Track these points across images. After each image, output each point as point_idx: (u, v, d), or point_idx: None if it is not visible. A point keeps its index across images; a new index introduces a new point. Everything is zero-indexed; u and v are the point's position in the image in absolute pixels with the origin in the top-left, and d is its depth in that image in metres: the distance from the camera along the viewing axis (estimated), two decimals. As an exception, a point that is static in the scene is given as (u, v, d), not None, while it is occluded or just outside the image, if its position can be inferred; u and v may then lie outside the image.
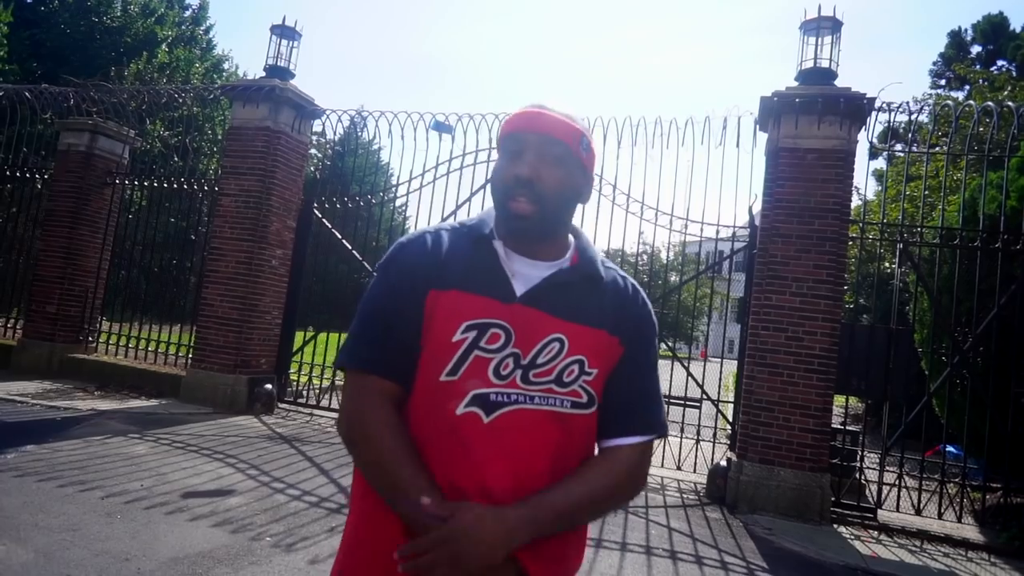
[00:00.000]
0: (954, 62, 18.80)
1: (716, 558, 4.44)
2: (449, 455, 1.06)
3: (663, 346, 8.13)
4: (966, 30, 21.26)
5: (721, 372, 8.04)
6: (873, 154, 7.42)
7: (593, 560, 4.07)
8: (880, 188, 14.75)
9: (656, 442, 1.26)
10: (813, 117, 6.03)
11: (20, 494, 3.90)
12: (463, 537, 0.98)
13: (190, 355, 8.08)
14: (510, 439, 1.06)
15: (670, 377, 6.96)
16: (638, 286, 1.24)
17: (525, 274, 1.13)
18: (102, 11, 21.37)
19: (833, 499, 5.86)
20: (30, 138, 9.96)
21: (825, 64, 6.30)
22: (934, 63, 21.79)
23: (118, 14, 21.79)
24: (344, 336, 1.22)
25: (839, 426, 6.45)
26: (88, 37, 21.00)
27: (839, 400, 7.46)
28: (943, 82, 20.67)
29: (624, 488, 1.16)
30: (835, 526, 5.64)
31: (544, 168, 1.12)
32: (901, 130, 8.78)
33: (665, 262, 15.27)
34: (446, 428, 1.06)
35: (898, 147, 8.72)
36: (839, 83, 6.24)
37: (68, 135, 9.04)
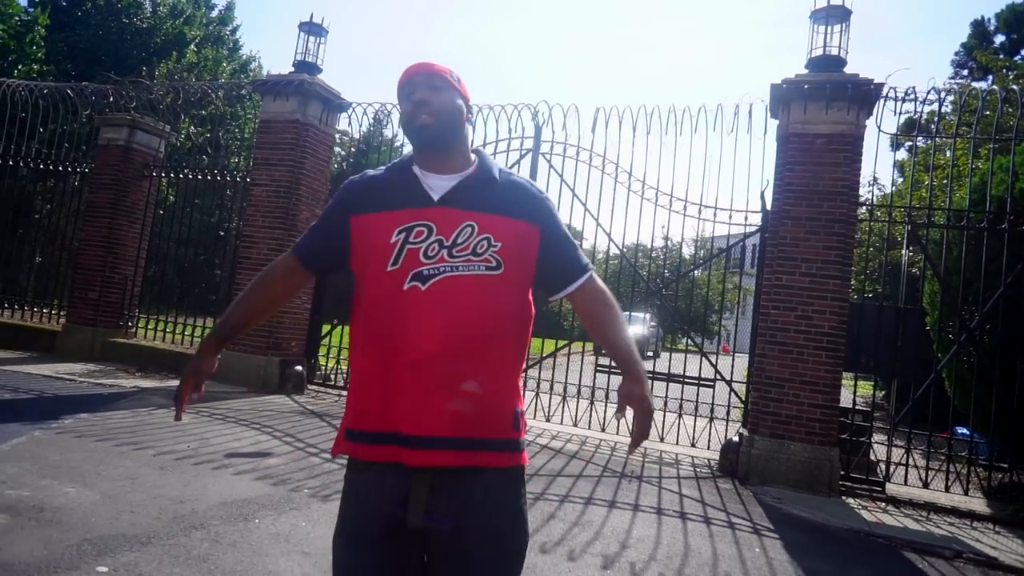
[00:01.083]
0: (976, 51, 18.69)
1: (724, 520, 4.69)
2: (401, 319, 1.46)
3: (688, 340, 8.35)
4: (989, 19, 21.12)
5: (733, 349, 8.24)
6: (895, 144, 7.59)
7: (606, 518, 4.34)
8: (899, 179, 14.80)
9: (671, 418, 1.63)
10: (821, 103, 6.23)
11: (81, 450, 4.28)
12: (646, 396, 1.49)
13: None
14: (442, 297, 1.46)
15: (684, 357, 7.20)
16: (535, 184, 1.67)
17: (439, 185, 1.54)
18: (132, 12, 21.99)
19: (843, 473, 6.06)
20: (68, 135, 10.45)
21: (834, 52, 6.49)
22: (956, 53, 21.69)
23: (148, 15, 22.40)
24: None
25: (849, 406, 6.64)
26: (119, 38, 21.63)
27: (848, 382, 7.63)
28: (965, 72, 20.56)
29: (607, 306, 1.63)
30: (844, 498, 5.84)
31: (433, 94, 1.56)
32: (923, 121, 8.91)
33: (683, 257, 15.49)
34: (398, 303, 1.47)
35: (917, 138, 8.83)
36: (848, 71, 6.43)
37: (108, 130, 9.49)
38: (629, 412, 1.52)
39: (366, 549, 1.46)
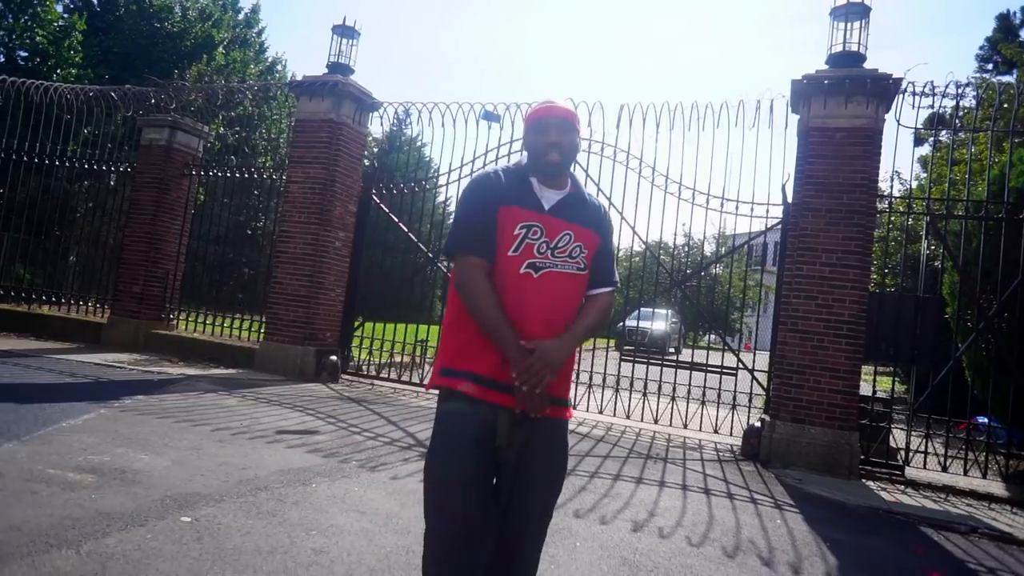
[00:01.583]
0: (1001, 44, 18.59)
1: (746, 496, 4.92)
2: (516, 298, 1.85)
3: (712, 337, 8.56)
4: (1015, 13, 20.95)
5: (756, 333, 8.40)
6: (917, 140, 7.74)
7: (634, 491, 4.59)
8: (922, 175, 14.82)
9: (695, 406, 1.99)
10: (841, 98, 6.41)
11: (145, 426, 4.62)
12: (551, 353, 1.82)
13: (262, 330, 8.84)
14: (548, 285, 1.88)
15: (707, 345, 7.40)
16: (604, 205, 2.13)
17: (549, 197, 1.95)
18: (163, 17, 22.56)
19: (862, 458, 6.25)
20: (106, 136, 10.89)
21: (854, 48, 6.67)
22: (980, 47, 21.52)
23: (178, 19, 22.97)
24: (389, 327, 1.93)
25: (869, 394, 6.81)
26: (150, 42, 22.21)
27: (868, 377, 7.77)
28: (990, 66, 20.43)
29: (605, 315, 2.02)
30: (863, 481, 6.02)
31: (563, 136, 1.96)
32: (947, 116, 9.02)
33: (704, 253, 15.58)
34: (513, 282, 1.86)
35: (939, 133, 8.94)
36: (867, 66, 6.60)
37: (150, 130, 9.90)
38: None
39: (459, 460, 1.83)
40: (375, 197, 9.20)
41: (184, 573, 2.44)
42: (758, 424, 6.68)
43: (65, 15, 19.89)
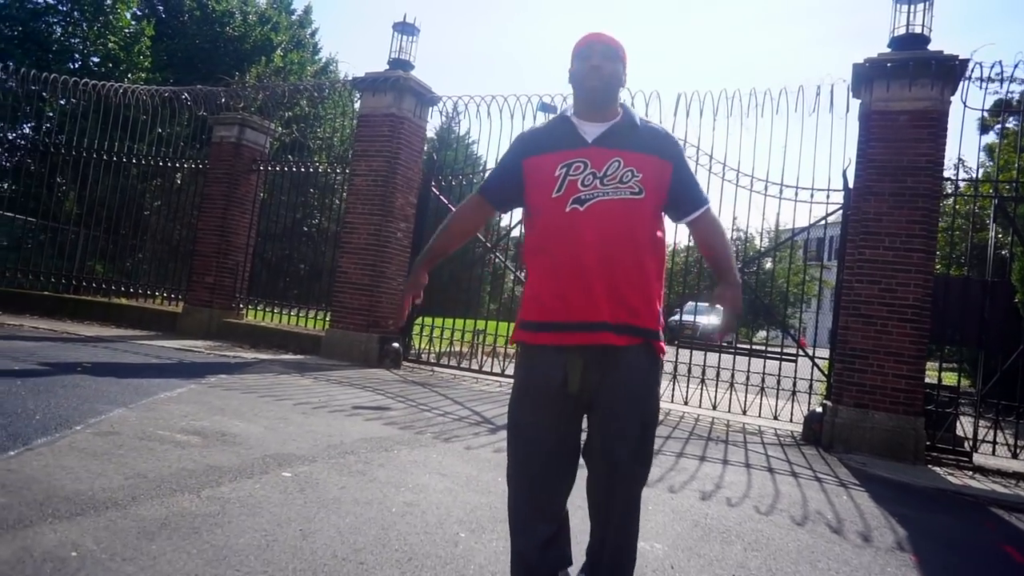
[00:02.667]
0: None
1: (810, 475, 4.96)
2: (566, 232, 1.89)
3: (760, 334, 8.56)
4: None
5: (817, 320, 8.36)
6: (984, 128, 7.60)
7: (698, 467, 4.69)
8: (988, 163, 14.39)
9: (753, 394, 2.12)
10: (905, 80, 6.36)
11: (233, 399, 4.93)
12: (737, 296, 1.97)
13: (327, 319, 9.19)
14: (598, 215, 1.88)
15: (767, 342, 7.40)
16: (668, 131, 2.08)
17: (592, 131, 1.96)
18: (225, 22, 23.40)
19: (928, 444, 6.19)
20: (175, 136, 11.43)
21: (917, 30, 6.60)
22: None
23: (238, 23, 23.78)
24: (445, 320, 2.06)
25: (935, 381, 6.73)
26: (213, 46, 23.07)
27: (932, 371, 7.66)
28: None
29: (719, 231, 2.07)
30: (929, 466, 5.98)
31: (606, 62, 1.97)
32: (1014, 102, 8.81)
33: (759, 247, 15.48)
34: (563, 222, 1.90)
35: (1008, 117, 8.73)
36: (932, 48, 6.52)
37: (220, 128, 10.37)
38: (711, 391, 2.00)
39: (536, 408, 1.92)
40: (434, 188, 9.46)
41: (295, 515, 2.67)
42: (819, 410, 6.67)
43: (134, 22, 20.82)
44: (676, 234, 11.11)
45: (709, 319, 16.58)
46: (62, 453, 3.08)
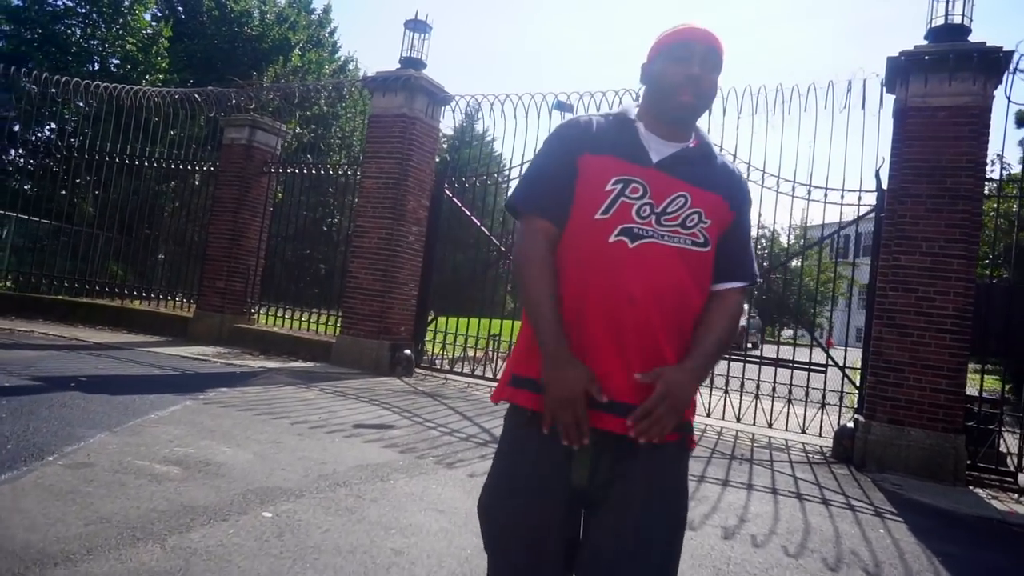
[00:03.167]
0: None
1: (843, 502, 4.60)
2: (603, 272, 1.40)
3: (785, 333, 8.18)
4: None
5: (848, 327, 7.94)
6: (1020, 121, 7.14)
7: (721, 495, 4.36)
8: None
9: (780, 405, 1.65)
10: (944, 74, 5.94)
11: (228, 418, 4.70)
12: (677, 390, 1.34)
13: (338, 324, 8.96)
14: (648, 260, 1.40)
15: (794, 339, 7.03)
16: (740, 171, 1.60)
17: (659, 149, 1.47)
18: (244, 21, 23.34)
19: (968, 463, 5.79)
20: (190, 138, 11.29)
21: (957, 20, 6.16)
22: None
23: (256, 23, 23.72)
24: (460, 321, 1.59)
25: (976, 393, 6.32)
26: (231, 46, 23.02)
27: (973, 376, 7.22)
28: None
29: (735, 323, 1.50)
30: (970, 487, 5.58)
31: (707, 73, 1.47)
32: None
33: (786, 246, 15.02)
34: (600, 253, 1.40)
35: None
36: (972, 39, 6.10)
37: (231, 130, 10.19)
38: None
39: (529, 507, 1.41)
40: (447, 191, 9.18)
41: (265, 571, 2.40)
42: (851, 425, 6.29)
43: (153, 23, 20.83)
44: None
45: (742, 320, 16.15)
46: (24, 492, 2.85)
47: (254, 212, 10.17)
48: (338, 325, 8.99)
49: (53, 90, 10.94)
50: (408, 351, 8.57)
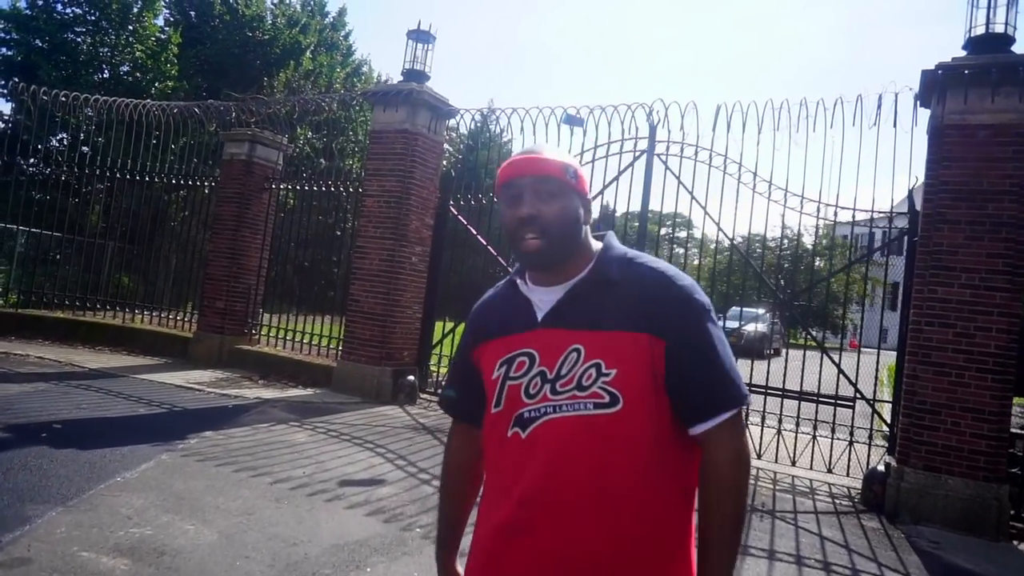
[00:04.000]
0: None
1: (875, 572, 4.16)
2: (504, 471, 1.24)
3: (809, 337, 7.74)
4: None
5: (877, 364, 7.43)
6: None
7: (739, 568, 3.94)
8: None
9: (804, 439, 1.25)
10: (985, 89, 5.43)
11: (203, 478, 4.35)
12: None
13: (340, 347, 8.63)
14: (542, 447, 1.18)
15: (819, 372, 6.56)
16: (673, 272, 1.25)
17: (546, 300, 1.26)
18: (255, 26, 23.10)
19: (1012, 513, 5.31)
20: (195, 149, 11.02)
21: (999, 30, 5.65)
22: None
23: (268, 27, 23.48)
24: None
25: (1019, 430, 5.83)
26: (243, 51, 22.81)
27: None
28: None
29: (735, 496, 1.19)
30: (1015, 543, 5.11)
31: (542, 204, 1.22)
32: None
33: (810, 246, 14.46)
34: (502, 453, 1.24)
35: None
36: (1016, 49, 5.58)
37: (231, 145, 9.89)
38: None
39: None
40: (452, 209, 8.80)
41: None
42: (881, 468, 5.82)
43: (164, 29, 20.66)
44: (719, 244, 10.20)
45: (753, 325, 15.63)
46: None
47: (255, 230, 9.86)
48: (339, 349, 8.64)
49: (64, 100, 10.63)
50: (412, 377, 8.21)
